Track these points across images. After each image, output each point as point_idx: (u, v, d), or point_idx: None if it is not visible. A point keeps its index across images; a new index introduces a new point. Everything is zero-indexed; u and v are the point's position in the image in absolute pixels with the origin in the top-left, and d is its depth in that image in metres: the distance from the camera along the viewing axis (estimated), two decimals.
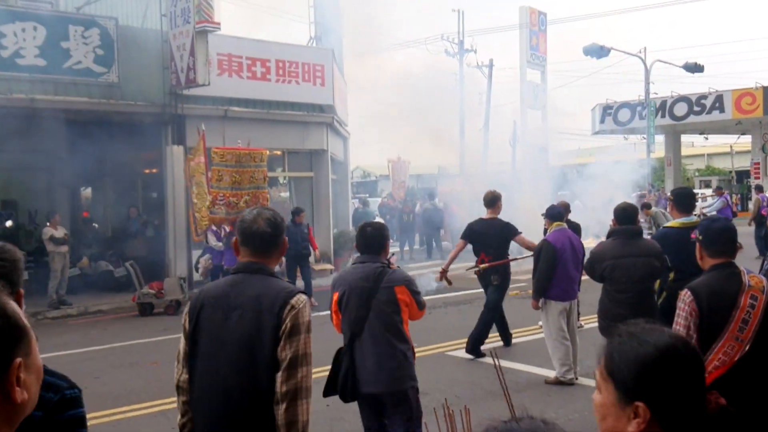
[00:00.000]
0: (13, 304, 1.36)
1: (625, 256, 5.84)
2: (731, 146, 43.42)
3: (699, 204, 17.24)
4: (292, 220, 13.06)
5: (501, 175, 37.47)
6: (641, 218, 13.98)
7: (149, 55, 14.08)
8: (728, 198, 21.44)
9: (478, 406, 6.70)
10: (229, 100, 15.06)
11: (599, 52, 21.96)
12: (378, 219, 24.63)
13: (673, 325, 3.60)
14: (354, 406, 6.92)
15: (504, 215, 8.95)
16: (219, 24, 13.32)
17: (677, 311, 3.53)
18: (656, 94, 28.53)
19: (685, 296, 3.50)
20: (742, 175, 40.50)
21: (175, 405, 3.14)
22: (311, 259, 14.22)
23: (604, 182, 17.74)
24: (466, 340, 9.06)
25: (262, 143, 14.41)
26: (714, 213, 16.90)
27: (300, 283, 13.21)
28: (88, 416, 2.12)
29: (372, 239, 4.56)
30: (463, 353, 8.89)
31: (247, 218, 2.97)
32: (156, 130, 14.51)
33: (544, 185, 20.81)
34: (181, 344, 2.98)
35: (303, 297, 2.87)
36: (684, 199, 5.90)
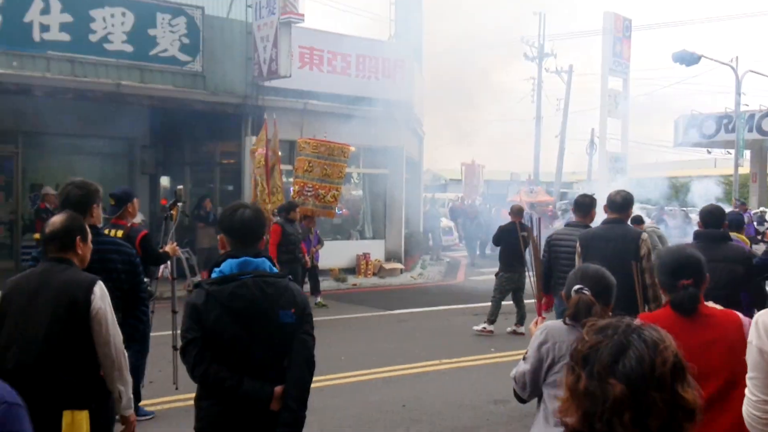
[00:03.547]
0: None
1: (707, 261, 5.40)
2: None
3: None
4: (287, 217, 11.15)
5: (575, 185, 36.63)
6: None
7: (233, 46, 14.17)
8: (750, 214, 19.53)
9: None
10: (308, 94, 14.99)
11: (689, 59, 20.96)
12: (446, 221, 24.31)
13: None
14: (433, 408, 6.67)
15: None
16: (303, 15, 13.31)
17: None
18: (747, 105, 27.26)
19: None
20: None
21: None
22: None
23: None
24: None
25: (338, 138, 14.29)
26: None
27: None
28: None
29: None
30: None
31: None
32: (236, 122, 14.57)
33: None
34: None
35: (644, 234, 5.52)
36: None
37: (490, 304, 10.23)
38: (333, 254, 15.13)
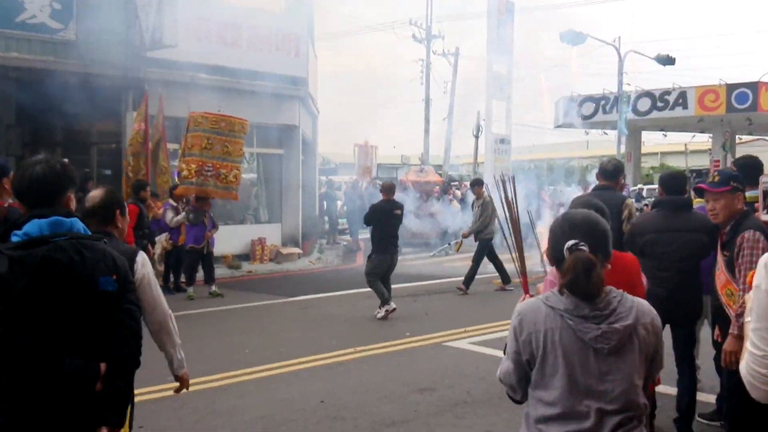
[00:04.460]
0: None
1: (669, 231, 5.02)
2: (686, 145, 43.78)
3: None
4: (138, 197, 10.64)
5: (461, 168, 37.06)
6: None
7: (111, 12, 12.92)
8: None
9: (492, 403, 5.95)
10: (195, 66, 13.92)
11: (576, 38, 21.52)
12: (341, 203, 23.76)
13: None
14: (353, 401, 6.12)
15: None
16: None
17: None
18: (629, 84, 28.33)
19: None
20: (698, 173, 40.83)
21: None
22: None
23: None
24: (463, 329, 8.76)
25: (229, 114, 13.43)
26: None
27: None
28: None
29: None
30: (463, 344, 8.17)
31: None
32: (115, 96, 13.35)
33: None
34: None
35: None
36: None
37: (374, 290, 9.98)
38: (225, 240, 14.20)
